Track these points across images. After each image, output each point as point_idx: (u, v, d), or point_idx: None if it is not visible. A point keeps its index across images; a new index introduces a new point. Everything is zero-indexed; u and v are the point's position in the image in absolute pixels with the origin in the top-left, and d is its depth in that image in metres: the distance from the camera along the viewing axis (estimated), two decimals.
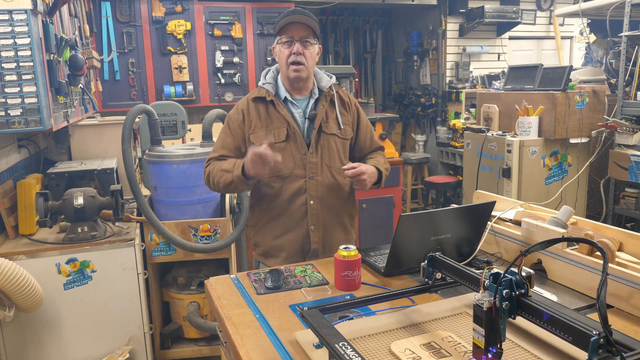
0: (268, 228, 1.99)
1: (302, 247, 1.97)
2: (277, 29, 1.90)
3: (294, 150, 1.92)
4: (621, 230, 1.57)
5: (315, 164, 1.92)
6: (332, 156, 1.95)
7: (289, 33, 1.87)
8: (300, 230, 1.95)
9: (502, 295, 1.01)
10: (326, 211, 1.95)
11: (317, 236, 1.95)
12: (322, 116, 1.94)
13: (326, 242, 1.97)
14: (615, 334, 0.96)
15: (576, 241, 1.53)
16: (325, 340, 1.07)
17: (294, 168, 1.91)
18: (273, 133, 1.91)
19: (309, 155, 1.91)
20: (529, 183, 3.67)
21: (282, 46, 1.90)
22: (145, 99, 4.63)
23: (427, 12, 5.74)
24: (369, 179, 1.89)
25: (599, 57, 5.35)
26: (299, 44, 1.87)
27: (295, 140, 1.91)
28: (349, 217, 2.05)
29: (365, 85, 6.58)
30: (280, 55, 1.92)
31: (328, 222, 1.97)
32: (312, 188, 1.92)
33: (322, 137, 1.94)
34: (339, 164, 1.97)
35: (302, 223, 1.94)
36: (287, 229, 1.95)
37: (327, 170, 1.94)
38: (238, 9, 4.77)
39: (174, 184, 2.73)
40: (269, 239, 1.99)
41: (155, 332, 2.80)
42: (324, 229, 1.96)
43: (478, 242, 1.69)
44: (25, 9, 2.08)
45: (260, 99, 1.95)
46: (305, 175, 1.92)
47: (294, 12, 1.90)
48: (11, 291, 2.05)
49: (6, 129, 2.13)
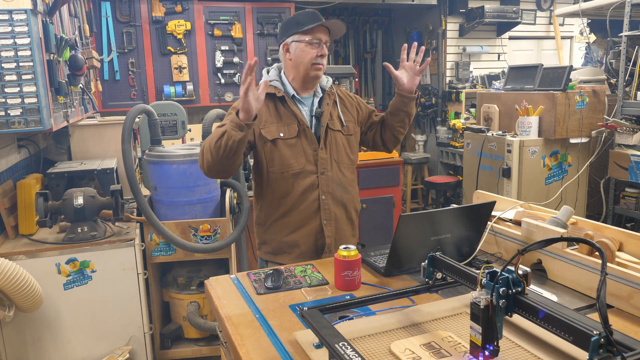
0: (279, 225, 1.98)
1: (316, 242, 1.97)
2: (301, 28, 1.88)
3: (305, 146, 1.93)
4: (621, 230, 1.57)
5: (325, 159, 1.95)
6: (339, 152, 1.99)
7: (318, 35, 1.89)
8: (314, 225, 1.95)
9: (499, 293, 1.01)
10: (336, 206, 1.98)
11: (330, 230, 1.97)
12: (328, 114, 1.98)
13: (338, 236, 1.99)
14: (616, 334, 0.96)
15: (575, 241, 1.53)
16: (325, 340, 1.07)
17: (305, 164, 1.93)
18: (283, 129, 1.92)
19: (319, 151, 1.94)
20: (529, 183, 3.67)
21: (307, 46, 1.89)
22: (145, 99, 4.63)
23: (427, 12, 5.74)
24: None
25: (599, 57, 5.35)
26: (325, 46, 1.91)
27: (307, 137, 1.93)
28: (355, 211, 2.09)
29: (365, 85, 6.58)
30: (303, 55, 1.90)
31: (339, 216, 1.99)
32: (324, 183, 1.94)
33: (329, 134, 1.97)
34: (346, 158, 2.01)
35: (315, 218, 1.95)
36: (300, 225, 1.96)
37: (336, 166, 1.97)
38: (238, 9, 4.77)
39: (174, 184, 2.73)
40: (281, 235, 1.98)
41: (155, 332, 2.80)
42: (336, 224, 1.98)
43: (478, 242, 1.69)
44: (25, 9, 2.08)
45: (269, 95, 1.95)
46: (316, 171, 1.93)
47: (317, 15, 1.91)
48: (11, 291, 2.05)
49: (6, 129, 2.13)
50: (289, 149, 1.92)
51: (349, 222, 2.04)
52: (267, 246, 2.02)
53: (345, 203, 2.01)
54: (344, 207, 2.01)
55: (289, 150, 1.92)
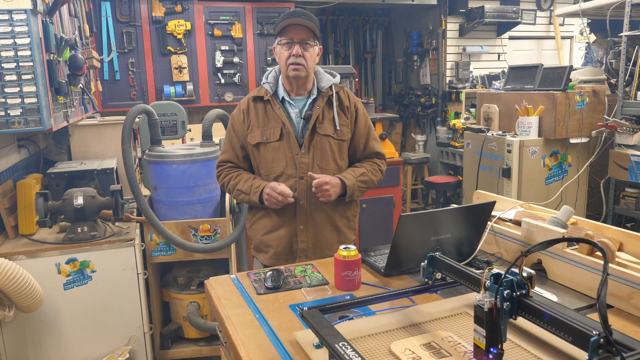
0: (259, 223, 2.03)
1: (291, 245, 1.99)
2: (277, 29, 1.91)
3: (286, 150, 1.94)
4: (621, 230, 1.57)
5: (307, 164, 1.94)
6: (324, 157, 1.95)
7: (289, 35, 1.88)
8: (289, 228, 1.97)
9: (503, 296, 1.01)
10: (317, 211, 1.96)
11: (306, 236, 1.97)
12: (318, 116, 1.95)
13: (317, 242, 1.98)
14: (615, 334, 0.96)
15: (576, 241, 1.53)
16: (325, 340, 1.07)
17: (285, 167, 1.94)
18: (268, 133, 1.94)
19: (300, 155, 1.93)
20: (529, 183, 3.67)
21: (282, 47, 1.90)
22: (145, 99, 4.63)
23: (427, 12, 5.74)
24: (332, 189, 1.88)
25: (599, 57, 5.35)
26: (298, 46, 1.87)
27: (289, 140, 1.93)
28: (342, 218, 2.04)
29: (365, 85, 6.58)
30: (280, 57, 1.93)
31: (319, 222, 1.97)
32: (302, 188, 1.93)
33: (315, 138, 1.94)
34: (332, 165, 1.97)
35: (291, 222, 1.96)
36: (276, 226, 1.98)
37: (319, 171, 1.94)
38: (238, 9, 4.77)
39: (174, 184, 2.73)
40: (259, 233, 2.03)
41: (155, 332, 2.80)
42: (315, 229, 1.97)
43: (478, 242, 1.69)
44: (25, 9, 2.08)
45: (259, 98, 1.99)
46: (296, 175, 1.94)
47: (294, 13, 1.89)
48: (11, 291, 2.05)
49: (6, 129, 2.13)
50: (272, 152, 1.94)
51: (332, 229, 2.01)
52: (252, 242, 2.10)
53: (328, 209, 1.98)
54: (326, 214, 1.98)
55: (272, 153, 1.94)
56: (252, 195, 1.92)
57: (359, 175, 1.98)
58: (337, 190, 1.91)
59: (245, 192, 1.95)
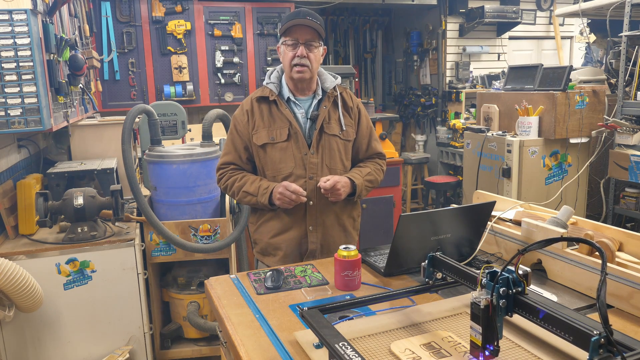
0: (267, 226, 1.99)
1: (300, 246, 1.97)
2: (282, 29, 1.88)
3: (294, 150, 1.91)
4: (621, 230, 1.57)
5: (316, 164, 1.92)
6: (332, 157, 1.95)
7: (294, 35, 1.86)
8: (299, 229, 1.95)
9: (499, 293, 1.01)
10: (326, 212, 1.95)
11: (316, 237, 1.95)
12: (324, 117, 1.94)
13: (325, 243, 1.97)
14: (616, 334, 0.96)
15: (575, 241, 1.53)
16: (325, 340, 1.07)
17: (294, 168, 1.91)
18: (275, 133, 1.91)
19: (309, 155, 1.91)
20: (529, 183, 3.67)
21: (286, 48, 1.89)
22: (145, 99, 4.63)
23: (427, 12, 5.74)
24: (343, 188, 1.89)
25: (599, 57, 5.35)
26: (303, 47, 1.86)
27: (297, 140, 1.91)
28: (349, 218, 2.04)
29: (365, 85, 6.58)
30: (284, 57, 1.91)
31: (327, 223, 1.96)
32: (312, 188, 1.91)
33: (323, 138, 1.94)
34: (340, 165, 1.97)
35: (301, 223, 1.94)
36: (285, 228, 1.96)
37: (327, 171, 1.93)
38: (238, 9, 4.77)
39: (174, 184, 2.73)
40: (267, 236, 1.99)
41: (155, 332, 2.80)
42: (323, 230, 1.96)
43: (478, 242, 1.69)
44: (25, 9, 2.08)
45: (263, 98, 1.96)
46: (305, 175, 1.92)
47: (299, 13, 1.87)
48: (11, 291, 2.05)
49: (6, 129, 2.13)
50: (279, 153, 1.92)
51: (340, 229, 2.01)
52: (257, 246, 2.06)
53: (337, 210, 1.98)
54: (335, 214, 1.98)
55: (280, 154, 1.92)
56: (261, 197, 1.88)
57: (365, 175, 1.99)
58: (347, 190, 1.92)
59: (252, 193, 1.91)
